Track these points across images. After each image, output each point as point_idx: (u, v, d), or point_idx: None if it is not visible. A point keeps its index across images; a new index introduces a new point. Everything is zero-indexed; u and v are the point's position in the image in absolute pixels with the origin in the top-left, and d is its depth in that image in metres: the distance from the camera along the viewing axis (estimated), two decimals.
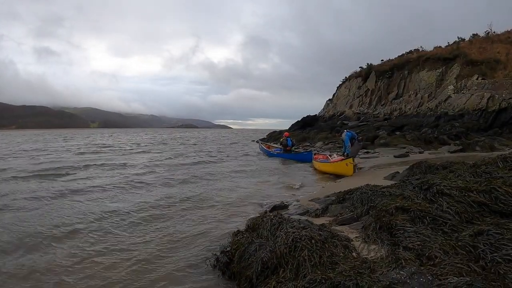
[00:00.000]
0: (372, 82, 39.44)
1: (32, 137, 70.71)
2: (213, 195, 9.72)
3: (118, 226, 6.98)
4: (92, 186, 11.30)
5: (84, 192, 10.39)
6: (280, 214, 5.38)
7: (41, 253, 5.58)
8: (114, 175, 14.06)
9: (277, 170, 15.74)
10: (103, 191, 10.45)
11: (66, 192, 10.32)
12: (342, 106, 43.79)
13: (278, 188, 10.85)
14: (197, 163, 18.32)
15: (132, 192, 10.44)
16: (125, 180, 12.38)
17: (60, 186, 11.41)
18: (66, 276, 4.73)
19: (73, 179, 12.96)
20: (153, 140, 52.87)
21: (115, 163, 18.79)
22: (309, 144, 28.37)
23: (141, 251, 5.68)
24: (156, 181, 12.19)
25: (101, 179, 12.98)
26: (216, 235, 6.28)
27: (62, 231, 6.61)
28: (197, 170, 15.03)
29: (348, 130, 14.48)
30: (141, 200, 9.12)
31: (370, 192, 5.63)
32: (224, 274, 4.64)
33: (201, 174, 13.55)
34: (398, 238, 3.88)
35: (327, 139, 27.42)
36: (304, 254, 3.68)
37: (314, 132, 33.70)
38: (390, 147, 20.15)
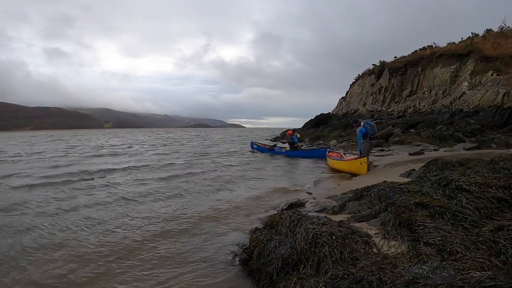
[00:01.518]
0: (386, 79, 39.11)
1: (69, 137, 71.24)
2: (233, 197, 9.78)
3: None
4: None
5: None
6: (298, 211, 5.42)
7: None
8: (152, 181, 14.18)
9: (292, 168, 15.78)
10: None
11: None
12: (356, 104, 43.56)
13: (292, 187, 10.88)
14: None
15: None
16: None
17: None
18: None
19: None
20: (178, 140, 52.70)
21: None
22: (323, 142, 28.30)
23: (161, 247, 5.78)
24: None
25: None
26: (234, 234, 6.33)
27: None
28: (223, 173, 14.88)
29: (364, 125, 13.65)
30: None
31: (388, 189, 5.62)
32: (243, 271, 4.69)
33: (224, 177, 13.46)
34: (418, 234, 3.89)
35: (340, 137, 27.32)
36: (325, 250, 3.70)
37: (327, 130, 33.61)
38: (404, 145, 19.98)
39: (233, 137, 58.61)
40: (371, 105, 39.66)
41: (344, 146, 23.04)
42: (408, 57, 40.11)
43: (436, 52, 35.14)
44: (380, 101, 38.50)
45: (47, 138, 67.96)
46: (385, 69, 40.03)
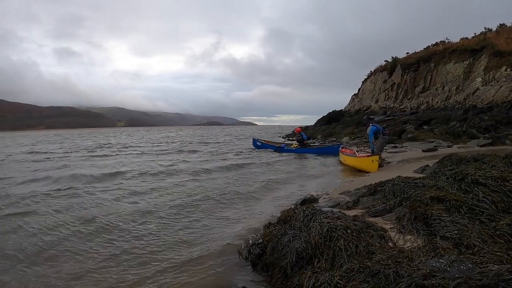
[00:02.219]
0: (398, 76, 38.89)
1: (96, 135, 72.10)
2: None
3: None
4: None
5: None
6: (312, 206, 5.41)
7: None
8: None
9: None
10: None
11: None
12: (368, 101, 43.40)
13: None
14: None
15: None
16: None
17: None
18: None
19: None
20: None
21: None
22: (336, 139, 28.25)
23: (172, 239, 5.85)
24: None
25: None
26: (246, 229, 6.34)
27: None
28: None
29: (373, 124, 14.32)
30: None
31: (402, 183, 5.57)
32: (256, 265, 4.68)
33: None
34: (434, 228, 3.85)
35: (353, 134, 27.21)
36: (340, 243, 3.67)
37: (340, 127, 33.49)
38: (417, 142, 19.81)
39: (247, 135, 58.41)
40: (384, 101, 39.49)
41: (357, 143, 22.95)
42: (420, 53, 39.84)
43: (449, 47, 34.85)
44: (393, 98, 38.31)
45: (87, 136, 68.60)
46: (398, 65, 39.81)
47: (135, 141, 44.55)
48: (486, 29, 35.78)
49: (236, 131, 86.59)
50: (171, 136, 59.88)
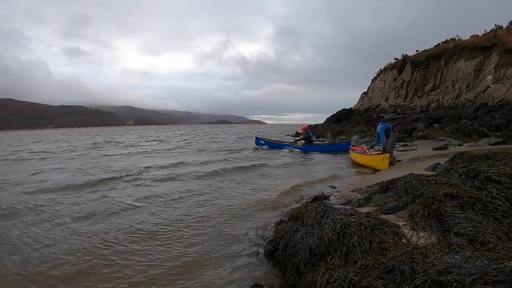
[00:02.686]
0: (408, 74, 38.62)
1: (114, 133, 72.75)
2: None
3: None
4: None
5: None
6: (324, 203, 5.42)
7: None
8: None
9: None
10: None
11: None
12: (378, 99, 43.18)
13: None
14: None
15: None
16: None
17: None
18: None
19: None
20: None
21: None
22: (345, 137, 28.20)
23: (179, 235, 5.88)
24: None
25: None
26: (258, 226, 6.35)
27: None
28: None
29: (382, 123, 14.35)
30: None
31: (415, 181, 5.55)
32: (268, 262, 4.70)
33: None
34: (448, 225, 3.84)
35: (363, 132, 27.15)
36: (354, 240, 3.67)
37: (349, 125, 33.42)
38: (428, 140, 19.74)
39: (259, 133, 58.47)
40: (394, 100, 39.27)
41: (367, 141, 22.90)
42: (430, 51, 39.51)
43: (459, 45, 34.56)
44: (403, 96, 38.11)
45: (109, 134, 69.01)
46: (407, 63, 39.52)
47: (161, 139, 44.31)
48: (496, 26, 35.45)
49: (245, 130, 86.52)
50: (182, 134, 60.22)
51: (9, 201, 8.90)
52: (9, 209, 8.06)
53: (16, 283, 4.46)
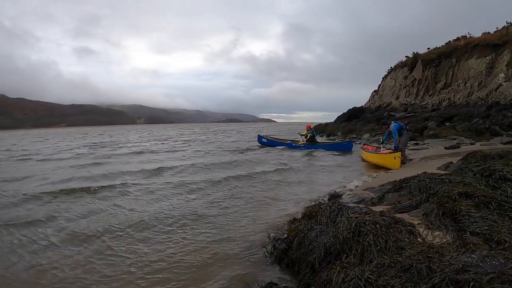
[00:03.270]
0: (419, 72, 38.33)
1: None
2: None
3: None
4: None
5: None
6: (338, 201, 5.43)
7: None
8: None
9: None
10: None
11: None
12: (388, 97, 42.93)
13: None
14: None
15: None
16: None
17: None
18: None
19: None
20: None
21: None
22: (356, 136, 28.14)
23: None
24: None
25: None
26: (270, 225, 6.40)
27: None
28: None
29: (395, 121, 14.36)
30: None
31: (428, 180, 5.54)
32: (282, 260, 4.72)
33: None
34: (463, 224, 3.83)
35: (374, 131, 27.06)
36: (369, 239, 3.68)
37: (360, 124, 33.35)
38: (439, 139, 19.63)
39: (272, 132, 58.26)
40: (404, 98, 39.03)
41: (378, 139, 22.83)
42: (441, 48, 39.18)
43: (471, 42, 34.22)
44: (414, 94, 37.86)
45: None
46: (418, 61, 39.21)
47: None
48: (508, 23, 35.07)
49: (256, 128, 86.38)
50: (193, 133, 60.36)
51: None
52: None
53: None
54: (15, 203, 8.54)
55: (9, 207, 8.25)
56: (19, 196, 9.21)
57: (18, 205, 8.41)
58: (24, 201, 8.73)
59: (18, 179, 12.39)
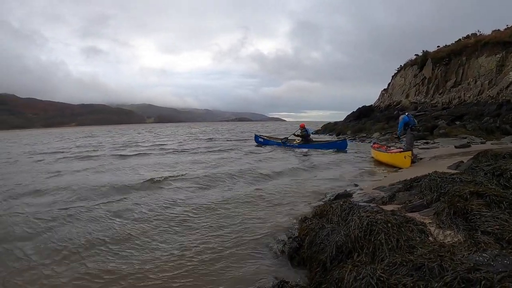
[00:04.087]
0: (429, 70, 38.04)
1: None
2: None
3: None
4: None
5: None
6: (349, 200, 5.45)
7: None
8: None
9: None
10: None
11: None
12: (398, 96, 42.72)
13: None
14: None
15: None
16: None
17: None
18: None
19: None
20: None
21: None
22: (366, 135, 28.07)
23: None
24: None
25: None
26: (280, 224, 6.45)
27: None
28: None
29: (407, 114, 14.28)
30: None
31: (439, 179, 5.54)
32: (293, 259, 4.76)
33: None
34: (475, 223, 3.83)
35: (383, 130, 27.01)
36: (381, 237, 3.71)
37: (370, 123, 33.25)
38: (450, 138, 19.53)
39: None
40: (414, 96, 38.81)
41: (387, 138, 22.76)
42: (451, 46, 38.79)
43: (481, 40, 33.87)
44: (424, 93, 37.63)
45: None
46: (428, 59, 38.88)
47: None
48: None
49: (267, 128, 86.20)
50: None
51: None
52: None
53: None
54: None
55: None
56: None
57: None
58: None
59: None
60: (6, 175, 13.94)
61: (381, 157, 14.12)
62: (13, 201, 9.13)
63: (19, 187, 10.90)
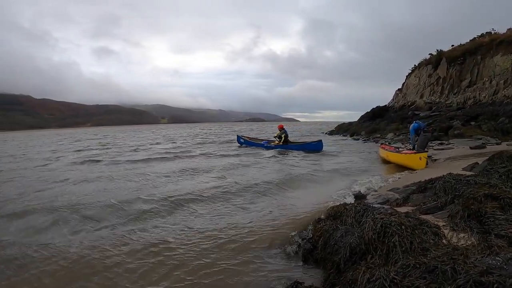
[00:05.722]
0: (443, 69, 37.65)
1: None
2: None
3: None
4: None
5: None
6: (363, 202, 5.48)
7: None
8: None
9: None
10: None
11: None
12: (413, 96, 42.42)
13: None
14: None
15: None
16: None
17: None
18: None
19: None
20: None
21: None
22: (380, 135, 27.96)
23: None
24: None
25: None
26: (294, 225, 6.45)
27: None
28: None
29: (416, 121, 14.26)
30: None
31: (454, 181, 5.55)
32: (307, 260, 4.80)
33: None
34: (488, 226, 3.85)
35: (398, 130, 26.86)
36: (395, 240, 3.73)
37: (384, 123, 33.05)
38: (465, 138, 19.37)
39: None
40: (429, 96, 38.46)
41: (402, 139, 22.66)
42: (466, 45, 38.31)
43: (496, 39, 33.44)
44: (438, 93, 37.29)
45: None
46: (443, 58, 38.44)
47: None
48: None
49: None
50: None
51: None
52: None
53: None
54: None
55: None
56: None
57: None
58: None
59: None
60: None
61: (394, 158, 13.97)
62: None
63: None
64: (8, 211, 8.16)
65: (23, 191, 10.39)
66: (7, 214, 7.89)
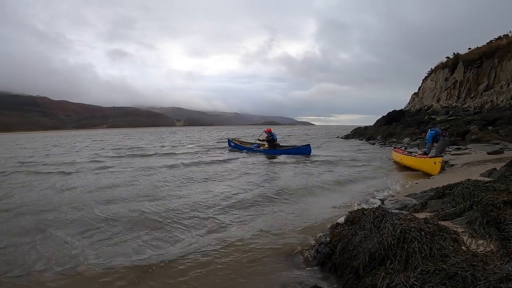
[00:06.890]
0: (460, 73, 37.22)
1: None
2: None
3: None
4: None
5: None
6: (382, 207, 5.50)
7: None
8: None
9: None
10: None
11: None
12: (429, 100, 42.05)
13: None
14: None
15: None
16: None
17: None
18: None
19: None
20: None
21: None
22: (396, 140, 27.81)
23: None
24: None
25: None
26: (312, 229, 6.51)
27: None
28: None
29: (432, 128, 14.12)
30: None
31: (472, 187, 5.55)
32: (325, 264, 4.80)
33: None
34: (508, 233, 3.85)
35: (414, 135, 26.65)
36: (414, 245, 3.75)
37: (400, 127, 32.82)
38: (482, 143, 19.17)
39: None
40: (446, 100, 38.11)
41: (418, 144, 22.52)
42: (483, 48, 37.80)
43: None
44: (455, 97, 36.94)
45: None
46: (459, 61, 38.02)
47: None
48: None
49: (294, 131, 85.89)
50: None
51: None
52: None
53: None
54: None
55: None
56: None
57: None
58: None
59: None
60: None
61: (407, 161, 13.94)
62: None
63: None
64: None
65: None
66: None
